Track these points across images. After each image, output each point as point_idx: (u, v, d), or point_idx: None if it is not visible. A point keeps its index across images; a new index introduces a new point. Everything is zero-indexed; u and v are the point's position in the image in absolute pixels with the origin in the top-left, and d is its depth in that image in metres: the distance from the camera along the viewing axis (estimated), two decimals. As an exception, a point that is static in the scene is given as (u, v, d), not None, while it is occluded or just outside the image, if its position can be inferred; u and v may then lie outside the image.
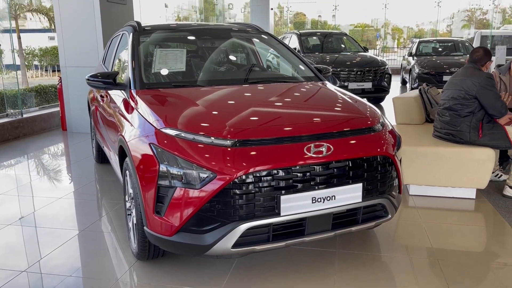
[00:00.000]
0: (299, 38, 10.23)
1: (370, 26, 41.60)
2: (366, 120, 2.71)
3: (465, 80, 3.69)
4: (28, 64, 23.73)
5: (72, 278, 2.67)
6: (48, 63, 24.31)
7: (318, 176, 2.36)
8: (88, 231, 3.35)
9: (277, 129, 2.46)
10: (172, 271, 2.70)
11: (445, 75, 10.25)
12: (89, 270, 2.81)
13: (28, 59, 23.65)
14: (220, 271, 2.69)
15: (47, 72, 24.66)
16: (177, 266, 2.75)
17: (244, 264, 2.76)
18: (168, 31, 3.87)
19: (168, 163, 2.32)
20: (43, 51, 24.03)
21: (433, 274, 2.67)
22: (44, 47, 24.12)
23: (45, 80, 22.16)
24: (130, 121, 2.82)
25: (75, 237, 3.25)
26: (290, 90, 3.23)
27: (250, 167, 2.25)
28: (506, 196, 3.84)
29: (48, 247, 3.07)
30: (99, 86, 3.18)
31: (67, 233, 3.30)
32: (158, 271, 2.70)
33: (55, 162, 5.51)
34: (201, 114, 2.60)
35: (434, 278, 2.62)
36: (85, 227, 3.41)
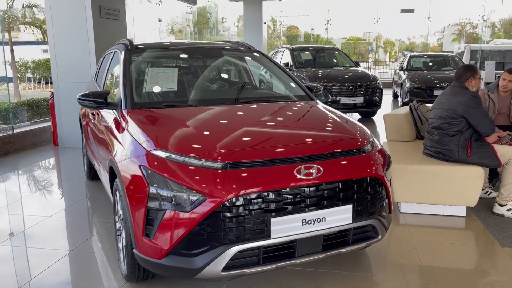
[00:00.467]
0: (292, 53, 10.31)
1: (362, 39, 42.05)
2: (356, 141, 2.73)
3: (452, 99, 3.73)
4: (21, 76, 23.66)
5: (61, 301, 2.64)
6: (41, 75, 24.26)
7: (308, 198, 2.37)
8: (79, 251, 3.31)
9: (267, 151, 2.47)
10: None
11: (436, 90, 10.39)
12: (78, 292, 2.78)
13: (21, 71, 23.60)
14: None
15: (40, 84, 24.59)
16: (167, 287, 2.73)
17: (234, 286, 2.75)
18: (160, 50, 3.90)
19: (158, 185, 2.31)
20: (36, 63, 24.00)
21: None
22: (37, 59, 24.10)
23: (38, 92, 22.07)
24: (120, 142, 2.82)
25: (66, 257, 3.21)
26: (281, 110, 3.25)
27: (240, 190, 2.25)
28: (496, 213, 3.87)
29: (38, 268, 3.04)
30: (90, 106, 3.19)
31: (57, 253, 3.27)
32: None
33: (46, 179, 5.47)
34: (191, 136, 2.61)
35: (425, 299, 2.62)
36: (76, 246, 3.38)
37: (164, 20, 16.40)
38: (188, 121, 2.81)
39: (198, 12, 18.06)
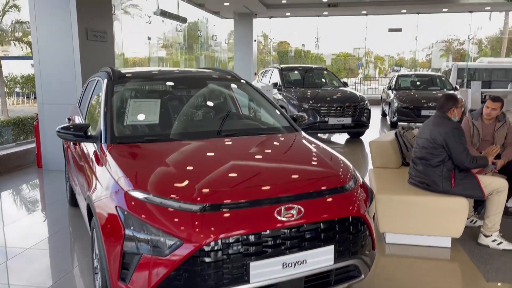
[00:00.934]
0: (281, 73, 10.36)
1: (352, 55, 42.50)
2: (338, 179, 2.70)
3: (433, 130, 3.74)
4: (9, 91, 23.48)
5: None
6: (30, 90, 24.10)
7: (288, 240, 2.33)
8: (58, 287, 3.22)
9: (248, 191, 2.43)
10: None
11: (423, 110, 10.49)
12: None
13: (10, 86, 23.43)
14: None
15: (28, 99, 24.40)
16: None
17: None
18: (143, 80, 3.85)
19: (134, 228, 2.26)
20: (25, 78, 23.85)
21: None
22: (26, 74, 23.96)
23: (27, 107, 21.89)
24: (98, 179, 2.76)
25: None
26: (263, 145, 3.21)
27: (219, 234, 2.20)
28: (481, 244, 3.85)
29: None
30: (70, 139, 3.13)
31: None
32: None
33: (28, 205, 5.37)
34: (170, 175, 2.56)
35: None
36: (55, 281, 3.28)
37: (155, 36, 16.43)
38: (168, 158, 2.77)
39: (189, 26, 18.11)
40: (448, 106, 3.82)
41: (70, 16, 6.30)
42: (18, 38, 19.61)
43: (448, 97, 3.87)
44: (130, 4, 19.80)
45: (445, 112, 3.82)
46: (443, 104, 3.84)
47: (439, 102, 3.89)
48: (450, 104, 3.82)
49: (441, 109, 3.84)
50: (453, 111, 3.82)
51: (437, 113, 3.88)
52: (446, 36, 41.31)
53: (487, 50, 39.45)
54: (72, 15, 6.29)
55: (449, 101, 3.83)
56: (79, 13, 6.32)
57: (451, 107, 3.81)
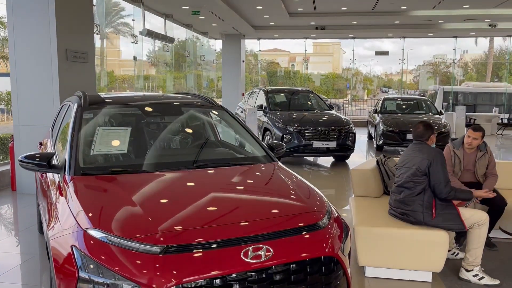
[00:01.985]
0: (266, 95, 10.32)
1: (340, 76, 42.96)
2: (311, 216, 2.58)
3: (416, 157, 3.68)
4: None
5: None
6: (15, 107, 23.73)
7: (255, 284, 2.19)
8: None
9: (213, 231, 2.29)
10: None
11: (408, 133, 10.47)
12: None
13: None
14: None
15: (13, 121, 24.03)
16: None
17: None
18: (115, 106, 3.70)
19: (89, 270, 2.10)
20: (10, 95, 23.54)
21: None
22: (11, 90, 23.63)
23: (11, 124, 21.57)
24: (58, 213, 2.60)
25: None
26: (235, 179, 3.07)
27: (180, 278, 2.06)
28: (462, 279, 3.74)
29: None
30: (32, 169, 2.97)
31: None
32: None
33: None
34: (133, 213, 2.41)
35: None
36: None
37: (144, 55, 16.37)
38: (132, 192, 2.62)
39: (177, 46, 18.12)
40: (428, 134, 3.80)
41: (50, 36, 6.18)
42: (3, 56, 19.39)
43: (427, 126, 3.85)
44: (120, 22, 19.83)
45: (426, 140, 3.79)
46: (423, 132, 3.81)
47: (417, 131, 3.85)
48: (430, 132, 3.82)
49: (422, 137, 3.82)
50: (432, 138, 3.84)
51: (417, 142, 3.83)
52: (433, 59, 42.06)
53: (472, 73, 40.20)
54: (52, 34, 6.17)
55: (428, 129, 3.81)
56: (59, 33, 6.19)
57: (430, 134, 3.82)
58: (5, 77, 24.08)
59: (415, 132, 3.87)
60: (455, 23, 15.59)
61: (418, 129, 3.84)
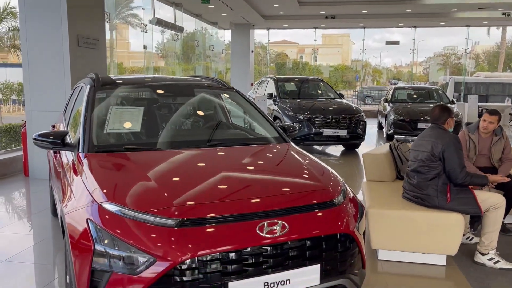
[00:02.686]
0: (276, 84, 10.26)
1: (350, 67, 42.61)
2: (327, 193, 2.55)
3: (431, 141, 3.61)
4: (5, 98, 23.33)
5: None
6: (26, 97, 23.94)
7: (271, 259, 2.17)
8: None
9: (229, 206, 2.28)
10: None
11: (420, 123, 10.38)
12: None
13: (6, 94, 23.28)
14: None
15: (24, 107, 24.24)
16: None
17: None
18: (128, 87, 3.70)
19: (104, 243, 2.10)
20: (21, 86, 23.72)
21: None
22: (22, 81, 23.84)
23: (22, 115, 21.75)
24: (72, 190, 2.61)
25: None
26: (249, 157, 3.06)
27: (195, 251, 2.05)
28: (477, 263, 3.70)
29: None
30: (47, 147, 2.98)
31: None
32: None
33: (13, 214, 5.18)
34: (147, 188, 2.41)
35: None
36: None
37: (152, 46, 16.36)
38: (147, 168, 2.62)
39: (186, 38, 18.09)
40: (444, 117, 3.71)
41: (61, 22, 6.19)
42: (15, 46, 19.52)
43: (443, 108, 3.77)
44: (130, 13, 19.82)
45: (441, 123, 3.71)
46: (439, 115, 3.72)
47: (433, 114, 3.77)
48: (446, 115, 3.71)
49: (438, 121, 3.73)
50: (449, 121, 3.73)
51: (433, 125, 3.76)
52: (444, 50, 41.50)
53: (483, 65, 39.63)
54: (63, 20, 6.17)
55: (444, 112, 3.72)
56: (70, 19, 6.20)
57: (447, 118, 3.71)
58: (16, 68, 24.27)
59: (431, 115, 3.80)
60: (468, 11, 15.34)
61: (434, 112, 3.77)
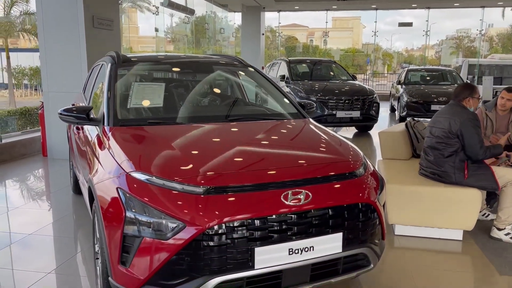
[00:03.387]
0: (288, 65, 10.23)
1: (361, 51, 42.15)
2: (348, 165, 2.60)
3: (449, 118, 3.61)
4: (17, 83, 23.57)
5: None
6: (38, 82, 24.15)
7: (295, 226, 2.23)
8: (59, 272, 3.15)
9: (254, 174, 2.34)
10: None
11: (433, 104, 10.30)
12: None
13: (18, 78, 23.50)
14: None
15: (36, 91, 24.46)
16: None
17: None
18: (148, 64, 3.77)
19: (135, 210, 2.17)
20: (33, 70, 23.92)
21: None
22: (34, 66, 24.01)
23: (35, 99, 21.97)
24: (100, 161, 2.68)
25: (44, 278, 3.04)
26: (270, 130, 3.11)
27: (222, 217, 2.11)
28: (494, 238, 3.73)
29: None
30: (72, 121, 3.06)
31: (35, 275, 3.10)
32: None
33: (31, 192, 5.31)
34: (174, 157, 2.48)
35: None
36: (57, 266, 3.22)
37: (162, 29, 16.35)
38: (171, 140, 2.68)
39: (196, 21, 18.03)
40: (464, 95, 3.69)
41: (77, 3, 6.23)
42: (26, 30, 19.63)
43: (466, 86, 3.75)
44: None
45: (460, 100, 3.69)
46: (459, 92, 3.71)
47: (455, 90, 3.76)
48: (467, 93, 3.69)
49: (457, 98, 3.71)
50: (469, 100, 3.69)
51: (453, 102, 3.75)
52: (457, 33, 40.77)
53: (497, 47, 38.91)
54: (79, 2, 6.22)
55: (466, 90, 3.70)
56: (85, 0, 6.24)
57: (467, 96, 3.68)
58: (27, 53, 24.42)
59: (454, 92, 3.78)
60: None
61: (457, 88, 3.75)
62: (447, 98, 10.33)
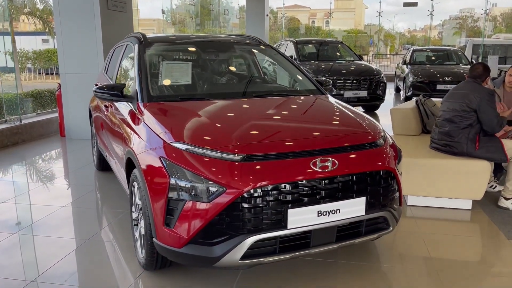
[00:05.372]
0: (295, 46, 10.34)
1: (363, 32, 41.89)
2: (369, 135, 2.79)
3: (467, 94, 3.80)
4: (21, 66, 23.60)
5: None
6: (41, 66, 24.21)
7: (323, 190, 2.44)
8: (92, 241, 3.38)
9: (284, 144, 2.53)
10: (180, 280, 2.76)
11: (439, 84, 10.45)
12: (96, 281, 2.85)
13: (22, 62, 23.53)
14: (226, 280, 2.76)
15: (40, 75, 24.53)
16: (185, 275, 2.81)
17: (249, 274, 2.83)
18: (172, 44, 3.94)
19: (178, 176, 2.38)
20: (37, 54, 23.94)
21: (433, 285, 2.75)
22: (37, 49, 24.02)
23: (39, 83, 22.05)
24: (138, 134, 2.88)
25: (79, 248, 3.28)
26: (296, 104, 3.31)
27: (258, 182, 2.32)
28: (501, 207, 3.95)
29: (51, 258, 3.09)
30: (106, 98, 3.24)
31: (70, 244, 3.34)
32: (166, 281, 2.76)
33: (54, 170, 5.52)
34: (210, 128, 2.67)
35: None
36: (89, 237, 3.44)
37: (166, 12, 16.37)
38: (205, 114, 2.87)
39: (200, 3, 18.02)
40: (485, 76, 3.95)
41: (91, -15, 6.36)
42: (30, 13, 19.62)
43: (486, 68, 3.97)
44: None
45: (481, 81, 3.93)
46: (481, 73, 3.93)
47: (476, 71, 3.94)
48: (487, 74, 3.95)
49: (478, 78, 3.93)
50: (487, 81, 3.97)
51: (470, 80, 3.94)
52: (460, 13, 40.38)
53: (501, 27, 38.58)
54: (93, -16, 6.34)
55: (486, 71, 3.94)
56: (99, -17, 6.37)
57: (486, 77, 3.95)
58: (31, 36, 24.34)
59: (473, 72, 3.96)
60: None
61: (478, 69, 3.94)
62: (453, 77, 10.46)
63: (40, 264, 3.03)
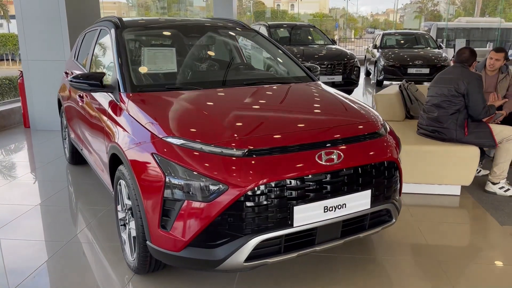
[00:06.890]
0: (268, 30, 10.13)
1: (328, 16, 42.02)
2: (372, 125, 2.67)
3: (456, 78, 3.76)
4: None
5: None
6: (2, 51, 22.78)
7: (329, 185, 2.30)
8: (72, 243, 3.13)
9: (287, 137, 2.37)
10: (174, 283, 2.58)
11: (410, 68, 10.56)
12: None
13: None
14: (224, 281, 2.60)
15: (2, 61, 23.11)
16: (180, 278, 2.63)
17: (248, 273, 2.68)
18: (153, 28, 3.64)
19: (174, 174, 2.18)
20: (3, 36, 22.50)
21: (435, 274, 2.70)
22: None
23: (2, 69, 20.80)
24: (124, 128, 2.63)
25: (58, 253, 3.00)
26: (291, 93, 3.13)
27: (262, 178, 2.15)
28: (488, 191, 3.97)
29: (26, 266, 2.83)
30: (84, 89, 2.96)
31: (46, 248, 3.07)
32: (159, 284, 2.57)
33: (22, 165, 5.14)
34: (205, 121, 2.46)
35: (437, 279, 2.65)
36: (68, 240, 3.18)
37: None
38: (197, 104, 2.66)
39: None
40: (472, 60, 3.92)
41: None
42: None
43: (472, 52, 3.94)
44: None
45: (468, 65, 3.89)
46: (468, 58, 3.90)
47: (463, 56, 3.91)
48: (474, 58, 3.93)
49: (465, 63, 3.90)
50: (474, 65, 3.96)
51: (458, 65, 3.90)
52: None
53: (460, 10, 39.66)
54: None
55: (473, 55, 3.91)
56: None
57: (473, 61, 3.93)
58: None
59: (460, 57, 3.92)
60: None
61: (464, 54, 3.90)
62: (423, 61, 10.59)
63: (12, 275, 2.74)
